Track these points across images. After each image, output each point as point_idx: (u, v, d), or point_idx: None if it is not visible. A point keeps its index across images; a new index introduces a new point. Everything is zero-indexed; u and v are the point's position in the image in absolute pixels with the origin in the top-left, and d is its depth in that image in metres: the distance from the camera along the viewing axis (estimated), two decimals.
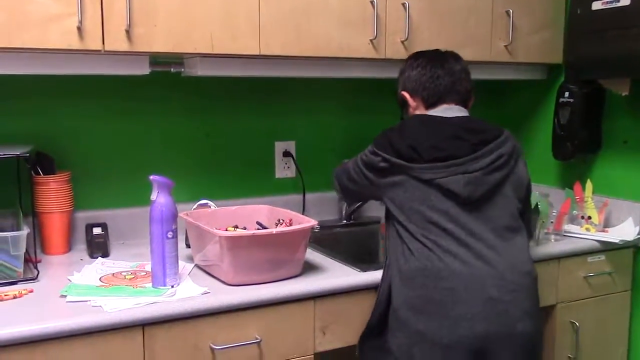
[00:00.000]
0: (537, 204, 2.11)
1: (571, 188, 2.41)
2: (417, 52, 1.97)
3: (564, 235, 2.23)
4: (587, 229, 2.27)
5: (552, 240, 2.19)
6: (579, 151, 2.44)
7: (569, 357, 2.20)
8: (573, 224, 2.33)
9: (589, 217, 2.31)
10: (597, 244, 2.19)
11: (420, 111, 1.88)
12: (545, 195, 2.28)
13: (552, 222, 2.20)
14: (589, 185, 2.39)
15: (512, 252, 1.70)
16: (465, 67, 1.90)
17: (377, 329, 1.75)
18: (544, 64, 2.56)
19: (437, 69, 1.86)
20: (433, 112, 1.83)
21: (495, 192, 1.72)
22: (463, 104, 1.86)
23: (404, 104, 1.93)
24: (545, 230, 2.16)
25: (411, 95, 1.89)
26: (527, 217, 1.85)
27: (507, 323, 1.63)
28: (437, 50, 1.94)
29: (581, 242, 2.19)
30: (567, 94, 2.42)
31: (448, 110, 1.82)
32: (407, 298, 1.65)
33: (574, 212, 2.36)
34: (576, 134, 2.41)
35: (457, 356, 1.60)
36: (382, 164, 1.74)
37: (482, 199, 1.70)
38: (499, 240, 1.68)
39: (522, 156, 1.82)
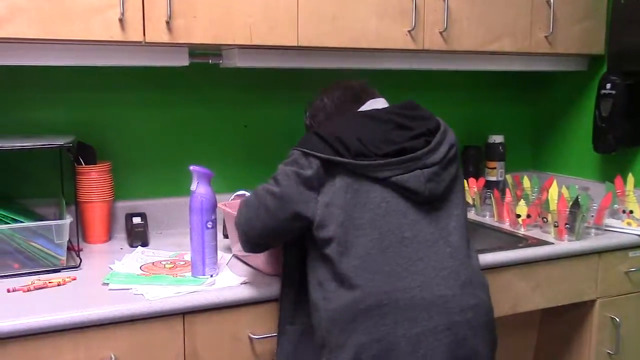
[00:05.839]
0: (577, 198, 2.08)
1: (612, 182, 2.37)
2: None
3: (605, 230, 2.19)
4: (629, 223, 2.22)
5: (593, 235, 2.15)
6: (621, 144, 2.39)
7: (609, 352, 2.16)
8: (614, 218, 2.29)
9: (631, 211, 2.26)
10: (639, 238, 2.15)
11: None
12: (586, 188, 2.25)
13: (592, 216, 2.16)
14: (630, 179, 2.34)
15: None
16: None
17: None
18: (585, 55, 2.51)
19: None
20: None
21: (451, 188, 1.52)
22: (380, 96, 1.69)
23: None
24: (586, 224, 2.13)
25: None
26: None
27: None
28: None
29: (622, 236, 2.15)
30: (608, 85, 2.37)
31: (376, 103, 1.65)
32: None
33: (615, 206, 2.31)
34: (618, 127, 2.36)
35: None
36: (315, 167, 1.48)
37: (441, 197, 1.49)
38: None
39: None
